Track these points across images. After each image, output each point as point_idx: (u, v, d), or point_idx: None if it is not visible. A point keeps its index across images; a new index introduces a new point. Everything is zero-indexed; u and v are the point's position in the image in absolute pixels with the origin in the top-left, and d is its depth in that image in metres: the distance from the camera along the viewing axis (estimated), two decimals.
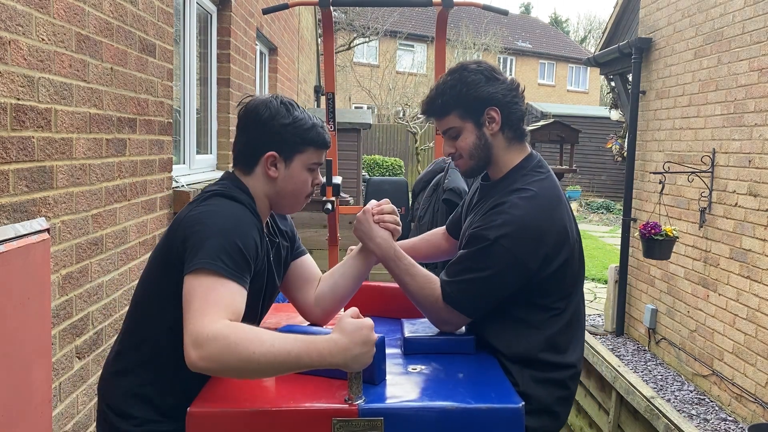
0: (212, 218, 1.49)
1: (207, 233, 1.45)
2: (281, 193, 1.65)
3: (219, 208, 1.52)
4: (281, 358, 1.30)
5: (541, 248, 1.66)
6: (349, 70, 22.10)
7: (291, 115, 1.61)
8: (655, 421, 2.38)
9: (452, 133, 1.78)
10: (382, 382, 1.51)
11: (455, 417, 1.39)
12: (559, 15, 56.62)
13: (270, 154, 1.61)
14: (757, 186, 4.42)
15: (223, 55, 4.55)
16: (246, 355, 1.28)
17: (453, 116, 1.76)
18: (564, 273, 1.72)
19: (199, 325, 1.30)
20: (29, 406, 1.85)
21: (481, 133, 1.76)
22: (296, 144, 1.62)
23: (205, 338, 1.28)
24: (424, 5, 3.14)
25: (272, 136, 1.61)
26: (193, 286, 1.38)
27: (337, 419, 1.37)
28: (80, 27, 2.22)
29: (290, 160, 1.63)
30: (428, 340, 1.75)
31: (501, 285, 1.68)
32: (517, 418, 1.41)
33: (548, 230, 1.67)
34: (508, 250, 1.64)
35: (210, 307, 1.34)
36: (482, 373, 1.63)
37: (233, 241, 1.44)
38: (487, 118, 1.74)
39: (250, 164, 1.64)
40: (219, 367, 1.30)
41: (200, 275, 1.39)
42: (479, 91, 1.73)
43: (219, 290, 1.38)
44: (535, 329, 1.71)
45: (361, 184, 10.01)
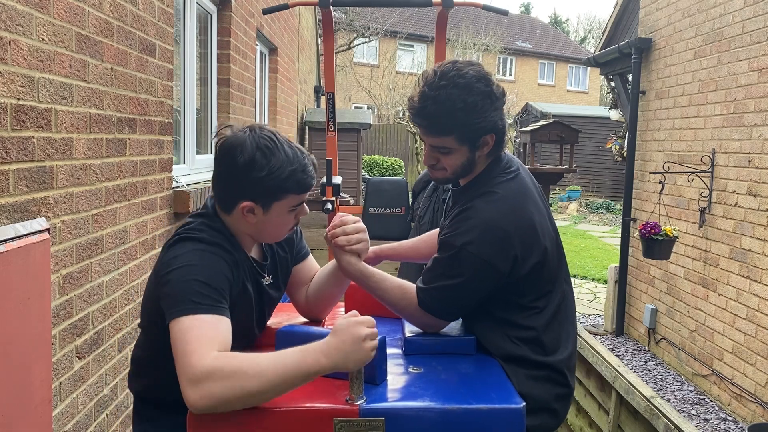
0: (176, 264, 1.49)
1: (172, 282, 1.46)
2: (261, 233, 1.64)
3: (181, 252, 1.51)
4: (279, 375, 1.31)
5: (509, 250, 1.64)
6: (349, 70, 22.11)
7: (267, 165, 1.51)
8: (654, 421, 2.38)
9: (443, 150, 1.73)
10: (383, 382, 1.52)
11: (456, 417, 1.39)
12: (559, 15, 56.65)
13: (246, 204, 1.55)
14: (756, 186, 4.42)
15: (223, 55, 4.56)
16: (245, 383, 1.29)
17: (451, 138, 1.70)
18: (539, 272, 1.70)
19: (190, 365, 1.31)
20: (29, 406, 1.85)
21: (472, 156, 1.73)
22: (273, 194, 1.55)
23: (199, 376, 1.29)
24: (424, 5, 3.14)
25: (248, 186, 1.54)
26: (175, 334, 1.39)
27: (338, 419, 1.37)
28: (80, 27, 2.22)
29: (268, 207, 1.57)
30: (429, 340, 1.75)
31: (473, 289, 1.68)
32: (518, 418, 1.41)
33: (514, 231, 1.65)
34: (475, 255, 1.63)
35: (193, 345, 1.34)
36: (483, 373, 1.63)
37: (197, 280, 1.45)
38: (482, 143, 1.72)
39: (227, 207, 1.60)
40: (221, 402, 1.29)
41: (177, 321, 1.40)
42: (485, 121, 1.68)
43: (197, 327, 1.38)
44: (518, 328, 1.72)
45: (361, 184, 10.01)
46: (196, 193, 3.42)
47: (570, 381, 1.79)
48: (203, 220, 1.62)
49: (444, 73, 1.68)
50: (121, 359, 2.66)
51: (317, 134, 9.45)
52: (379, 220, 3.48)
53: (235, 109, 4.76)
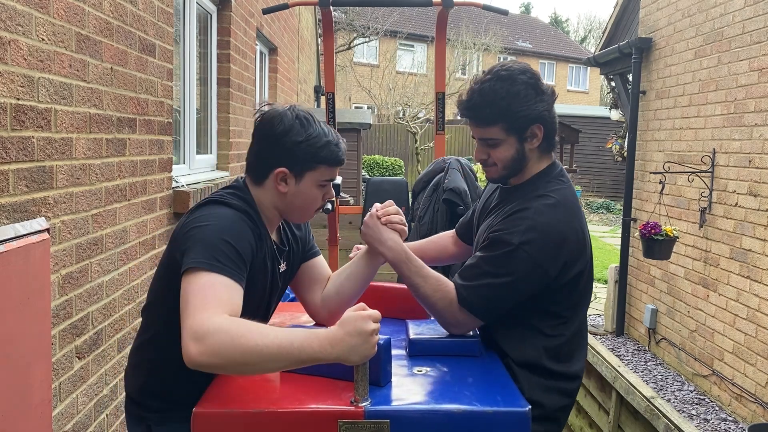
0: (204, 221, 1.51)
1: (199, 235, 1.47)
2: (290, 207, 1.66)
3: (210, 212, 1.54)
4: (284, 349, 1.29)
5: (562, 255, 1.66)
6: (349, 70, 22.11)
7: (305, 132, 1.59)
8: (655, 421, 2.37)
9: (491, 143, 1.75)
10: (388, 383, 1.51)
11: (461, 420, 1.38)
12: (559, 15, 56.65)
13: (280, 170, 1.60)
14: (757, 186, 4.42)
15: (223, 55, 4.55)
16: (249, 347, 1.27)
17: (497, 128, 1.72)
18: (578, 281, 1.72)
19: (199, 319, 1.30)
20: (29, 406, 1.85)
21: (521, 147, 1.74)
22: (308, 161, 1.60)
23: (205, 332, 1.27)
24: (424, 5, 3.14)
25: (284, 152, 1.59)
26: (189, 285, 1.38)
27: (343, 421, 1.36)
28: (80, 27, 2.21)
29: (301, 177, 1.61)
30: (433, 341, 1.74)
31: (519, 291, 1.68)
32: (523, 422, 1.40)
33: (569, 238, 1.67)
34: (531, 256, 1.63)
35: (208, 302, 1.33)
36: (488, 375, 1.62)
37: (225, 240, 1.46)
38: (530, 134, 1.73)
39: (260, 176, 1.64)
40: (220, 361, 1.27)
41: (195, 274, 1.40)
42: (530, 109, 1.69)
43: (215, 286, 1.38)
44: (543, 336, 1.72)
45: (361, 184, 10.01)
46: (196, 193, 3.42)
47: (576, 394, 1.81)
48: (233, 190, 1.64)
49: (490, 70, 1.76)
50: (121, 359, 2.66)
51: None
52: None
53: (235, 109, 4.75)
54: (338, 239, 3.66)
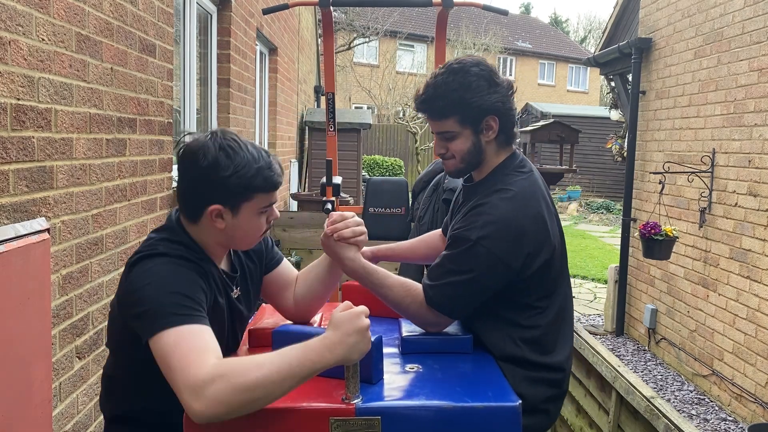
0: (144, 281, 1.42)
1: (145, 299, 1.39)
2: (233, 239, 1.58)
3: (147, 269, 1.44)
4: (284, 372, 1.28)
5: (523, 248, 1.65)
6: (349, 70, 22.11)
7: (232, 164, 1.47)
8: (655, 421, 2.37)
9: (447, 135, 1.76)
10: (380, 381, 1.51)
11: (452, 416, 1.39)
12: (559, 15, 56.66)
13: (213, 208, 1.50)
14: (757, 186, 4.42)
15: (223, 55, 4.56)
16: (250, 384, 1.25)
17: (452, 121, 1.73)
18: (546, 271, 1.72)
19: (190, 376, 1.25)
20: (29, 406, 1.85)
21: (477, 140, 1.75)
22: (241, 194, 1.50)
23: (201, 385, 1.24)
24: (424, 5, 3.14)
25: (214, 188, 1.48)
26: (161, 349, 1.33)
27: (334, 419, 1.37)
28: (80, 27, 2.22)
29: (237, 209, 1.51)
30: (425, 339, 1.75)
31: (483, 286, 1.68)
32: (514, 416, 1.41)
33: (529, 229, 1.67)
34: (490, 250, 1.63)
35: (188, 356, 1.29)
36: (479, 371, 1.63)
37: (171, 292, 1.39)
38: (485, 126, 1.73)
39: (194, 215, 1.54)
40: (227, 408, 1.25)
41: (160, 338, 1.33)
42: (482, 100, 1.70)
43: (185, 339, 1.32)
44: (519, 328, 1.72)
45: (361, 184, 10.00)
46: None
47: (565, 383, 1.80)
48: (164, 235, 1.55)
49: (445, 64, 1.76)
50: None
51: (317, 134, 9.45)
52: (379, 220, 3.48)
53: (235, 109, 4.75)
54: None
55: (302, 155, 10.36)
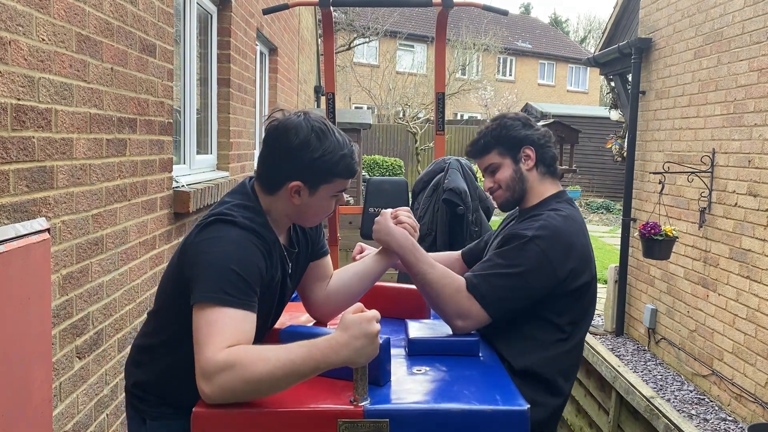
0: (212, 246, 1.48)
1: (207, 264, 1.46)
2: (301, 216, 1.67)
3: (218, 235, 1.50)
4: (287, 370, 1.32)
5: (570, 260, 1.78)
6: (349, 70, 22.10)
7: (322, 147, 1.56)
8: (654, 421, 2.37)
9: (492, 168, 1.99)
10: (387, 383, 1.51)
11: (460, 419, 1.38)
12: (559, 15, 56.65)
13: (295, 184, 1.58)
14: (756, 186, 4.42)
15: (223, 55, 4.56)
16: (254, 378, 1.31)
17: (493, 153, 1.98)
18: (582, 295, 1.83)
19: (204, 358, 1.34)
20: (29, 406, 1.85)
21: (517, 168, 1.96)
22: (324, 176, 1.59)
23: (211, 371, 1.32)
24: (424, 5, 3.14)
25: (300, 167, 1.57)
26: (198, 320, 1.40)
27: (342, 420, 1.37)
28: (80, 27, 2.22)
29: (315, 190, 1.61)
30: (433, 341, 1.75)
31: (527, 286, 1.76)
32: (522, 420, 1.40)
33: (578, 246, 1.82)
34: (543, 251, 1.76)
35: (213, 338, 1.36)
36: (487, 375, 1.62)
37: (233, 269, 1.44)
38: (523, 155, 1.96)
39: (273, 187, 1.62)
40: (231, 395, 1.34)
41: (203, 308, 1.41)
42: (517, 133, 1.97)
43: (221, 320, 1.39)
44: (541, 348, 1.79)
45: (361, 184, 10.00)
46: (197, 193, 3.42)
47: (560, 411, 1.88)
48: (239, 200, 1.61)
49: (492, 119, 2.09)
50: (121, 359, 2.66)
51: None
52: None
53: (235, 109, 4.76)
54: (338, 239, 3.66)
55: None
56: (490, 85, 24.90)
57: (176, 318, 1.57)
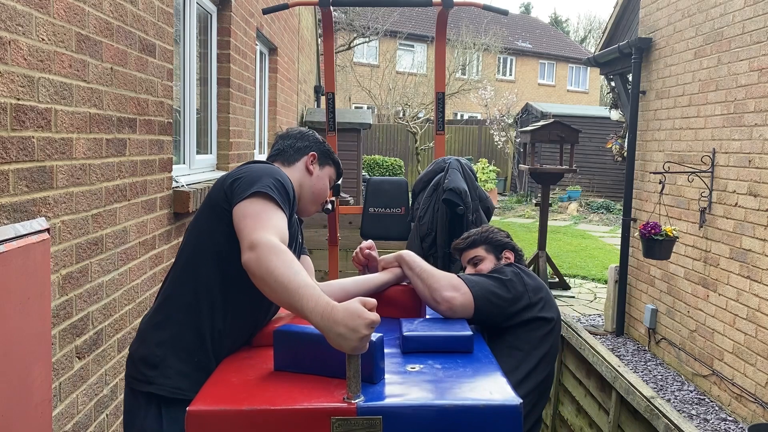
0: (255, 167, 1.75)
1: (255, 174, 1.69)
2: (312, 188, 1.98)
3: (256, 166, 1.77)
4: (293, 285, 1.41)
5: (539, 290, 2.14)
6: (349, 70, 22.10)
7: (324, 139, 2.09)
8: (655, 421, 2.37)
9: (475, 260, 2.33)
10: (381, 380, 1.51)
11: (454, 415, 1.39)
12: (559, 15, 56.65)
13: (313, 154, 2.00)
14: (757, 186, 4.42)
15: (223, 55, 4.55)
16: (274, 274, 1.44)
17: (480, 248, 2.35)
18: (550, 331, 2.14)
19: (257, 234, 1.51)
20: (29, 406, 1.85)
21: (497, 264, 2.32)
22: (327, 157, 2.05)
23: (260, 243, 1.49)
24: (424, 5, 3.14)
25: (314, 144, 2.04)
26: (248, 208, 1.59)
27: (335, 418, 1.37)
28: (80, 27, 2.22)
29: (323, 166, 2.03)
30: (427, 337, 1.75)
31: (505, 289, 2.09)
32: (515, 415, 1.41)
33: (545, 287, 2.20)
34: (518, 273, 2.16)
35: (266, 224, 1.55)
36: (480, 371, 1.63)
37: (279, 179, 1.70)
38: (504, 257, 2.35)
39: (293, 159, 1.98)
40: (261, 269, 1.47)
41: (254, 200, 1.61)
42: (502, 240, 2.37)
43: (272, 213, 1.60)
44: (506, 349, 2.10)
45: (361, 184, 10.00)
46: (196, 193, 3.42)
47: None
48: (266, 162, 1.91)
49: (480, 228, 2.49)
50: (121, 359, 2.66)
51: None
52: (379, 220, 3.48)
53: (235, 109, 4.75)
54: (338, 239, 3.65)
55: None
56: (490, 85, 24.86)
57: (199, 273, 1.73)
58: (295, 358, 1.54)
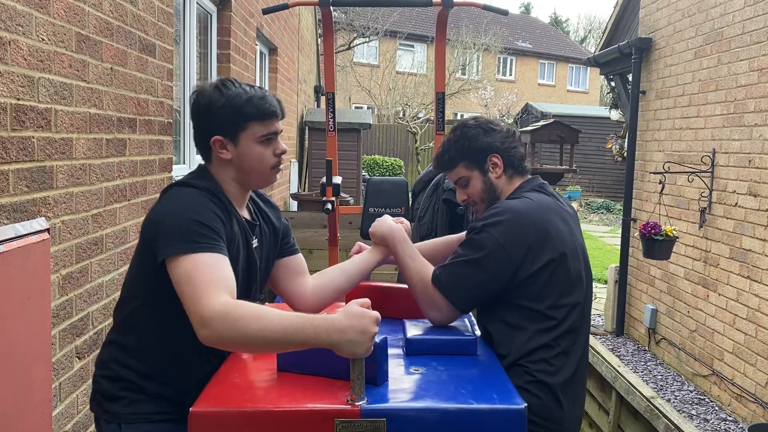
0: (169, 207, 1.56)
1: (168, 222, 1.51)
2: (242, 172, 1.67)
3: (174, 196, 1.59)
4: (279, 335, 1.35)
5: (525, 238, 1.76)
6: (349, 70, 22.10)
7: (223, 96, 1.61)
8: (655, 421, 2.37)
9: (462, 182, 1.98)
10: (384, 382, 1.51)
11: (458, 418, 1.38)
12: (559, 15, 56.64)
13: (215, 139, 1.63)
14: (757, 186, 4.42)
15: (223, 55, 4.56)
16: (247, 333, 1.35)
17: (460, 167, 1.97)
18: (553, 273, 1.77)
19: (200, 306, 1.37)
20: (29, 406, 1.85)
21: (486, 178, 1.96)
22: (235, 123, 1.62)
23: (209, 317, 1.36)
24: (424, 5, 3.14)
25: (212, 121, 1.62)
26: (178, 274, 1.44)
27: (339, 420, 1.36)
28: (80, 27, 2.22)
29: (236, 139, 1.63)
30: (430, 340, 1.75)
31: (483, 270, 1.77)
32: (519, 419, 1.40)
33: (534, 223, 1.79)
34: (492, 235, 1.78)
35: (202, 288, 1.40)
36: (484, 374, 1.62)
37: (192, 219, 1.50)
38: (491, 164, 1.95)
39: (205, 154, 1.68)
40: (225, 343, 1.38)
41: (177, 261, 1.45)
42: (480, 143, 1.95)
43: (201, 269, 1.43)
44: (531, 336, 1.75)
45: (361, 184, 10.00)
46: None
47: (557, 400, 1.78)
48: (196, 173, 1.70)
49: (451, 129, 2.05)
50: None
51: (317, 134, 9.44)
52: None
53: None
54: (338, 239, 3.65)
55: (302, 155, 10.35)
56: (490, 85, 24.89)
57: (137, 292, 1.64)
58: (298, 359, 1.53)
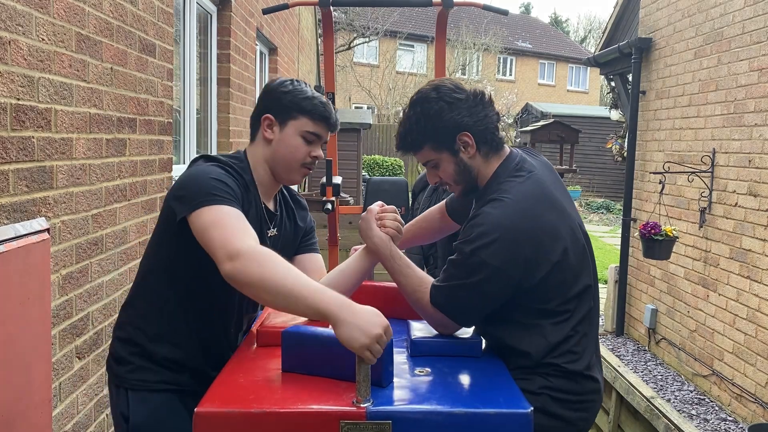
0: (191, 172, 1.66)
1: (188, 181, 1.61)
2: (276, 157, 1.75)
3: (196, 167, 1.68)
4: (297, 288, 1.39)
5: (520, 254, 1.63)
6: (349, 70, 22.10)
7: (293, 86, 1.75)
8: (655, 421, 2.37)
9: (432, 164, 1.78)
10: (390, 384, 1.51)
11: (463, 421, 1.38)
12: (559, 15, 56.62)
13: (266, 116, 1.75)
14: (757, 186, 4.42)
15: (223, 55, 4.55)
16: (272, 274, 1.40)
17: (427, 150, 1.75)
18: (557, 275, 1.67)
19: (232, 241, 1.44)
20: (29, 406, 1.85)
21: (458, 160, 1.74)
22: (291, 110, 1.73)
23: (241, 251, 1.42)
24: (424, 5, 3.14)
25: (272, 101, 1.76)
26: (203, 224, 1.50)
27: (345, 422, 1.36)
28: (80, 27, 2.22)
29: (284, 124, 1.74)
30: (435, 342, 1.74)
31: (484, 295, 1.67)
32: (525, 423, 1.39)
33: (525, 236, 1.63)
34: (484, 261, 1.63)
35: (231, 229, 1.48)
36: (490, 376, 1.61)
37: (213, 177, 1.59)
38: (461, 144, 1.73)
39: (254, 131, 1.80)
40: (246, 279, 1.42)
41: (201, 214, 1.51)
42: (444, 121, 1.70)
43: (227, 216, 1.51)
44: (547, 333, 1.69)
45: (361, 184, 10.00)
46: None
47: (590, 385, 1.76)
48: (230, 155, 1.80)
49: (409, 100, 1.80)
50: None
51: None
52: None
53: (235, 109, 4.75)
54: (338, 239, 3.65)
55: None
56: (490, 85, 24.87)
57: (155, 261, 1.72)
58: (304, 360, 1.53)
